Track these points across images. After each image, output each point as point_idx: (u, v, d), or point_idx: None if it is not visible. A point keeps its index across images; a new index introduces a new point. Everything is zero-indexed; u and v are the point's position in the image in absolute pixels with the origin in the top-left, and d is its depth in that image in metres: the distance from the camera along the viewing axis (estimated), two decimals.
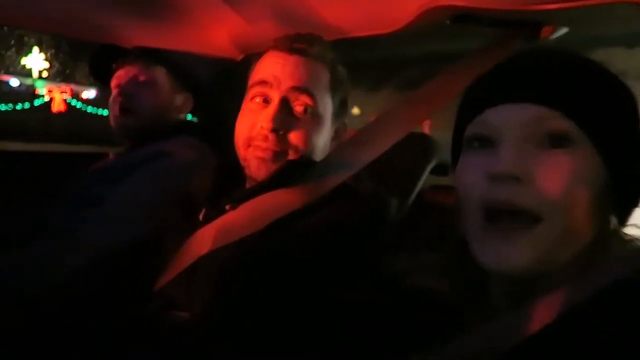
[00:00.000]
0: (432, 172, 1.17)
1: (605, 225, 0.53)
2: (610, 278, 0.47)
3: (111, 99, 1.37)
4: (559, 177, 0.50)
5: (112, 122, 1.37)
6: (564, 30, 0.86)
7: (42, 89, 8.80)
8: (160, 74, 1.37)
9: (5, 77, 8.60)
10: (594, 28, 0.91)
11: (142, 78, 1.34)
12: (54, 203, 1.28)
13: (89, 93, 8.99)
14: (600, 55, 0.56)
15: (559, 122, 0.51)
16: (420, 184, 1.15)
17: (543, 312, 0.47)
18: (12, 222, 1.31)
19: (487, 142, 0.55)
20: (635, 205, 0.56)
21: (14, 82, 8.63)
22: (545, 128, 0.51)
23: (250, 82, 0.91)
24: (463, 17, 0.87)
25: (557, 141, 0.51)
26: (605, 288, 0.46)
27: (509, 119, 0.53)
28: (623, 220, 0.56)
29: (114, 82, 1.36)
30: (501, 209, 0.52)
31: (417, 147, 1.17)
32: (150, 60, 1.35)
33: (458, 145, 0.61)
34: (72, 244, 1.07)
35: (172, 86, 1.39)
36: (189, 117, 1.51)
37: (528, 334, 0.47)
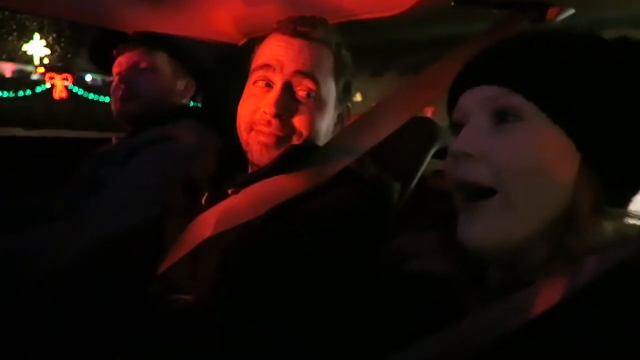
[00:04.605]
0: (435, 156, 1.17)
1: (580, 202, 0.51)
2: (611, 262, 0.47)
3: (113, 86, 1.36)
4: (508, 150, 0.52)
5: (114, 108, 1.36)
6: (570, 12, 0.85)
7: (43, 75, 8.77)
8: (162, 60, 1.36)
9: (6, 64, 8.57)
10: (602, 10, 0.89)
11: (143, 64, 1.33)
12: (58, 188, 1.29)
13: (91, 80, 8.96)
14: (609, 37, 0.55)
15: (508, 98, 0.53)
16: (422, 168, 1.15)
17: (545, 296, 0.47)
18: (17, 207, 1.32)
19: (460, 127, 0.57)
20: (627, 184, 0.52)
21: (16, 68, 8.62)
22: (496, 106, 0.54)
23: (253, 65, 0.90)
24: None
25: (507, 116, 0.53)
26: (606, 272, 0.46)
27: (471, 102, 0.56)
28: (617, 200, 0.53)
29: (115, 69, 1.36)
30: (461, 187, 0.55)
31: (420, 131, 1.16)
32: (151, 45, 1.34)
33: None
34: (78, 227, 1.07)
35: (173, 72, 1.38)
36: (192, 102, 1.51)
37: (529, 318, 0.47)
